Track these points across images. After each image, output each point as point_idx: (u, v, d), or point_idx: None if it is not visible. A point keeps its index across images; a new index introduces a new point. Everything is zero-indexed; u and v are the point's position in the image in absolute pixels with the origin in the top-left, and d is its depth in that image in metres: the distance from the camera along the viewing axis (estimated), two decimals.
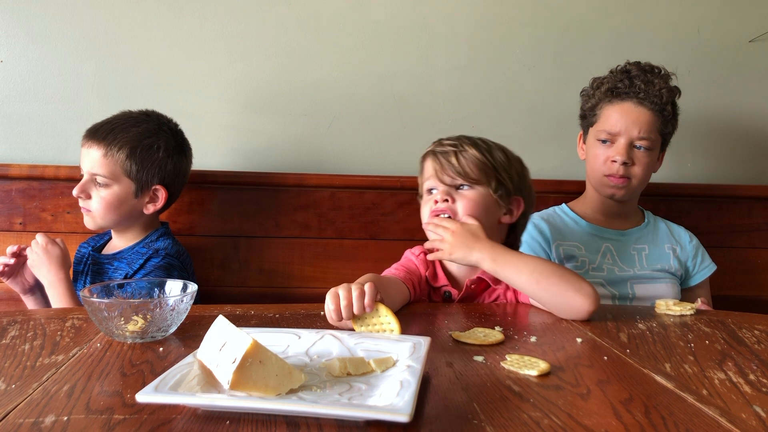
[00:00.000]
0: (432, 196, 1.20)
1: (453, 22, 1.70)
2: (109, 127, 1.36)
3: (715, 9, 1.75)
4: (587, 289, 1.04)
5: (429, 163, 1.22)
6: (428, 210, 1.20)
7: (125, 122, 1.37)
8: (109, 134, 1.34)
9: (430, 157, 1.22)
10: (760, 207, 1.75)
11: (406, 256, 1.26)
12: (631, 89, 1.42)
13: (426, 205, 1.21)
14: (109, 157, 1.34)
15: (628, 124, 1.42)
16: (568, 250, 1.46)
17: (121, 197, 1.36)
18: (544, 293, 1.06)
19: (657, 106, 1.42)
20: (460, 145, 1.20)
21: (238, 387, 0.61)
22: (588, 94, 1.52)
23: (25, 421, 0.59)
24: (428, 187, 1.22)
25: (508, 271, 1.08)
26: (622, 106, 1.43)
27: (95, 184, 1.35)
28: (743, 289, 1.73)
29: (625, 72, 1.45)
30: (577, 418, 0.61)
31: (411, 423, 0.56)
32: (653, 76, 1.43)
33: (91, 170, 1.34)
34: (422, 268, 1.21)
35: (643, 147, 1.43)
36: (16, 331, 0.91)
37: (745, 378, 0.76)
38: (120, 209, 1.37)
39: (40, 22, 1.60)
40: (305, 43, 1.66)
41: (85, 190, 1.35)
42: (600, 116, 1.47)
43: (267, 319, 1.00)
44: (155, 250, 1.38)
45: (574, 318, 1.04)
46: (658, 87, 1.42)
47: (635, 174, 1.44)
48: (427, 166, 1.22)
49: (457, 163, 1.18)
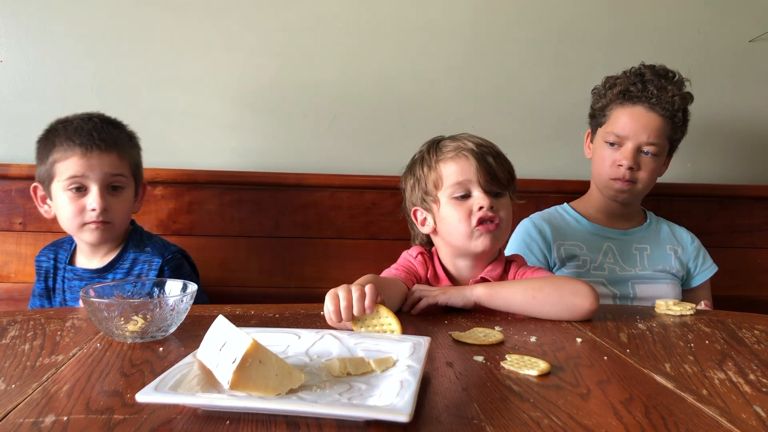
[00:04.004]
0: (471, 201, 1.12)
1: (453, 21, 1.69)
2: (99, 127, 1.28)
3: (715, 9, 1.75)
4: (584, 290, 1.04)
5: (463, 163, 1.13)
6: (464, 215, 1.12)
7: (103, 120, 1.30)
8: (110, 135, 1.28)
9: (462, 157, 1.14)
10: (761, 207, 1.75)
11: (404, 257, 1.23)
12: (644, 93, 1.41)
13: (460, 211, 1.12)
14: (124, 157, 1.28)
15: (637, 129, 1.41)
16: (569, 249, 1.46)
17: (131, 199, 1.32)
18: (543, 306, 1.05)
19: (668, 112, 1.40)
20: (487, 146, 1.16)
21: (238, 387, 0.61)
22: (600, 93, 1.50)
23: (25, 421, 0.59)
24: (462, 191, 1.13)
25: (503, 295, 1.07)
26: (633, 109, 1.42)
27: (110, 190, 1.27)
28: (743, 289, 1.73)
29: (639, 75, 1.43)
30: (577, 418, 0.61)
31: (411, 423, 0.56)
32: (667, 81, 1.41)
33: (113, 172, 1.26)
34: (421, 270, 1.19)
35: (651, 153, 1.41)
36: (16, 331, 0.91)
37: (745, 378, 0.76)
38: (130, 213, 1.33)
39: (40, 22, 1.60)
40: (305, 43, 1.66)
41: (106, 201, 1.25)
42: (609, 117, 1.46)
43: (267, 319, 1.00)
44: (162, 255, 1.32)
45: (581, 319, 1.04)
46: (671, 93, 1.40)
47: (641, 179, 1.43)
48: (462, 167, 1.13)
49: (498, 169, 1.13)
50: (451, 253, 1.19)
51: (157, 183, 1.58)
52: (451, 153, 1.15)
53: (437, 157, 1.17)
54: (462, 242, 1.13)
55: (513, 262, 1.22)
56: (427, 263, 1.20)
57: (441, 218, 1.16)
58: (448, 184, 1.14)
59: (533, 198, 1.68)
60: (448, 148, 1.16)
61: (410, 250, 1.24)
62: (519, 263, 1.22)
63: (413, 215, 1.22)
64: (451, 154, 1.15)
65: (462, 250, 1.16)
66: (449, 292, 1.09)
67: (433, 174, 1.16)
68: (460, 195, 1.13)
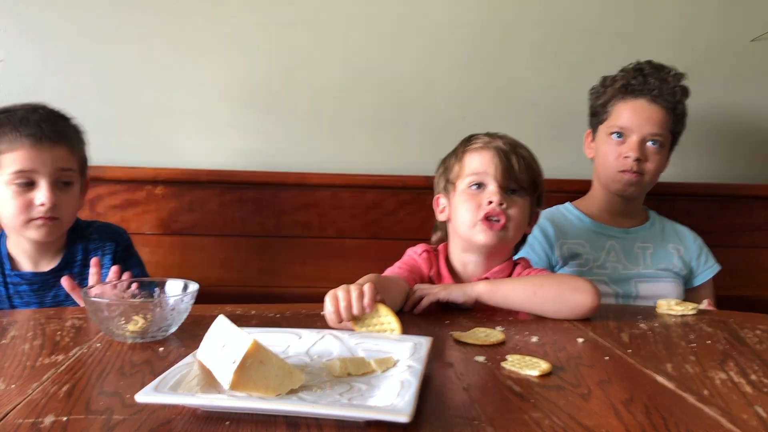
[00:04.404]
0: (484, 194, 1.14)
1: (454, 21, 1.69)
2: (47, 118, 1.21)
3: (716, 9, 1.75)
4: (585, 286, 1.04)
5: (486, 156, 1.15)
6: (473, 206, 1.13)
7: (49, 113, 1.23)
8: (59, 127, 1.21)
9: (487, 150, 1.16)
10: (762, 206, 1.75)
11: (408, 255, 1.24)
12: (645, 86, 1.43)
13: (471, 201, 1.14)
14: (74, 151, 1.23)
15: (641, 121, 1.42)
16: (572, 248, 1.46)
17: (78, 195, 1.25)
18: (543, 302, 1.05)
19: (669, 104, 1.43)
20: (516, 147, 1.17)
21: (238, 387, 0.61)
22: (598, 91, 1.52)
23: (25, 421, 0.59)
24: (477, 181, 1.15)
25: (504, 292, 1.08)
26: (636, 103, 1.44)
27: (58, 185, 1.19)
28: (745, 289, 1.73)
29: (639, 70, 1.46)
30: (578, 419, 0.61)
31: (411, 423, 0.56)
32: (666, 74, 1.44)
33: (63, 167, 1.19)
34: (426, 268, 1.19)
35: (657, 143, 1.43)
36: (16, 331, 0.91)
37: (746, 378, 0.76)
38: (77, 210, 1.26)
39: (40, 22, 1.60)
40: (306, 43, 1.66)
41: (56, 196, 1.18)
42: (612, 113, 1.47)
43: (267, 319, 1.00)
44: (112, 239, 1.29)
45: (580, 317, 1.04)
46: (671, 85, 1.43)
47: (648, 170, 1.44)
48: (483, 159, 1.15)
49: (517, 166, 1.14)
50: (461, 246, 1.20)
51: (158, 183, 1.58)
52: (478, 145, 1.18)
53: (465, 148, 1.20)
54: (465, 232, 1.15)
55: (518, 264, 1.22)
56: (431, 261, 1.20)
57: (454, 206, 1.19)
58: (467, 172, 1.16)
59: None
60: (478, 141, 1.19)
61: (415, 247, 1.25)
62: (524, 265, 1.22)
63: (435, 202, 1.26)
64: (478, 146, 1.18)
65: (467, 242, 1.17)
66: (450, 288, 1.09)
67: (459, 164, 1.19)
68: (475, 185, 1.15)
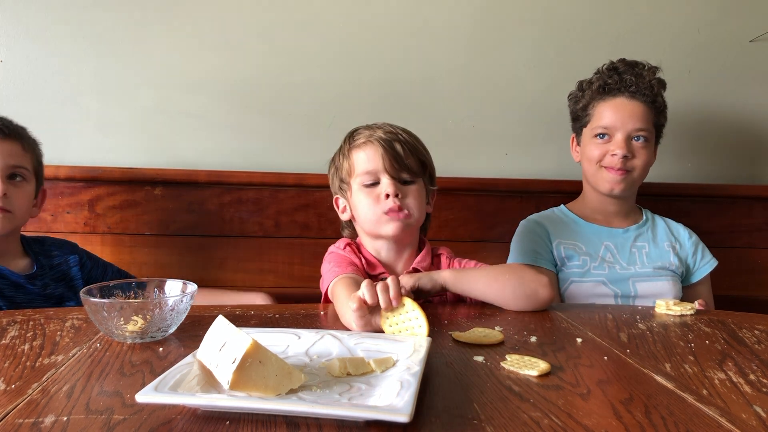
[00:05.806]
0: (379, 190, 1.15)
1: (453, 22, 1.69)
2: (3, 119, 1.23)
3: (715, 9, 1.75)
4: (543, 279, 1.08)
5: (371, 150, 1.16)
6: (372, 201, 1.15)
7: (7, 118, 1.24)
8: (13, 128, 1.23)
9: (371, 144, 1.16)
10: (760, 207, 1.75)
11: (334, 253, 1.21)
12: (622, 84, 1.45)
13: (369, 197, 1.15)
14: (27, 151, 1.24)
15: (624, 118, 1.43)
16: (568, 249, 1.46)
17: (31, 197, 1.26)
18: (504, 290, 1.08)
19: (649, 98, 1.44)
20: (399, 135, 1.18)
21: (238, 387, 0.61)
22: (576, 96, 1.54)
23: (25, 421, 0.59)
24: (370, 180, 1.16)
25: (466, 281, 1.10)
26: (615, 101, 1.45)
27: (12, 180, 1.21)
28: (743, 289, 1.73)
29: (613, 69, 1.48)
30: (577, 418, 0.61)
31: (411, 423, 0.56)
32: (641, 69, 1.46)
33: (14, 163, 1.21)
34: (356, 260, 1.19)
35: (642, 138, 1.44)
36: (16, 331, 0.91)
37: (745, 378, 0.76)
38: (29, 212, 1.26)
39: (40, 22, 1.60)
40: (305, 43, 1.66)
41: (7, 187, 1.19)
42: (593, 114, 1.48)
43: (267, 319, 1.00)
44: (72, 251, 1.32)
45: (537, 308, 1.08)
46: (648, 79, 1.44)
47: (636, 166, 1.45)
48: (369, 154, 1.16)
49: (403, 153, 1.15)
50: (370, 240, 1.21)
51: (157, 183, 1.58)
52: (361, 141, 1.19)
53: (350, 146, 1.21)
54: (373, 228, 1.17)
55: (442, 254, 1.25)
56: (355, 252, 1.21)
57: (354, 205, 1.20)
58: (359, 171, 1.17)
59: (533, 198, 1.68)
60: (360, 136, 1.20)
61: (337, 243, 1.24)
62: (448, 255, 1.25)
63: (335, 203, 1.27)
64: (361, 141, 1.18)
65: (375, 235, 1.19)
66: (417, 275, 1.11)
67: (347, 162, 1.20)
68: (369, 183, 1.16)
